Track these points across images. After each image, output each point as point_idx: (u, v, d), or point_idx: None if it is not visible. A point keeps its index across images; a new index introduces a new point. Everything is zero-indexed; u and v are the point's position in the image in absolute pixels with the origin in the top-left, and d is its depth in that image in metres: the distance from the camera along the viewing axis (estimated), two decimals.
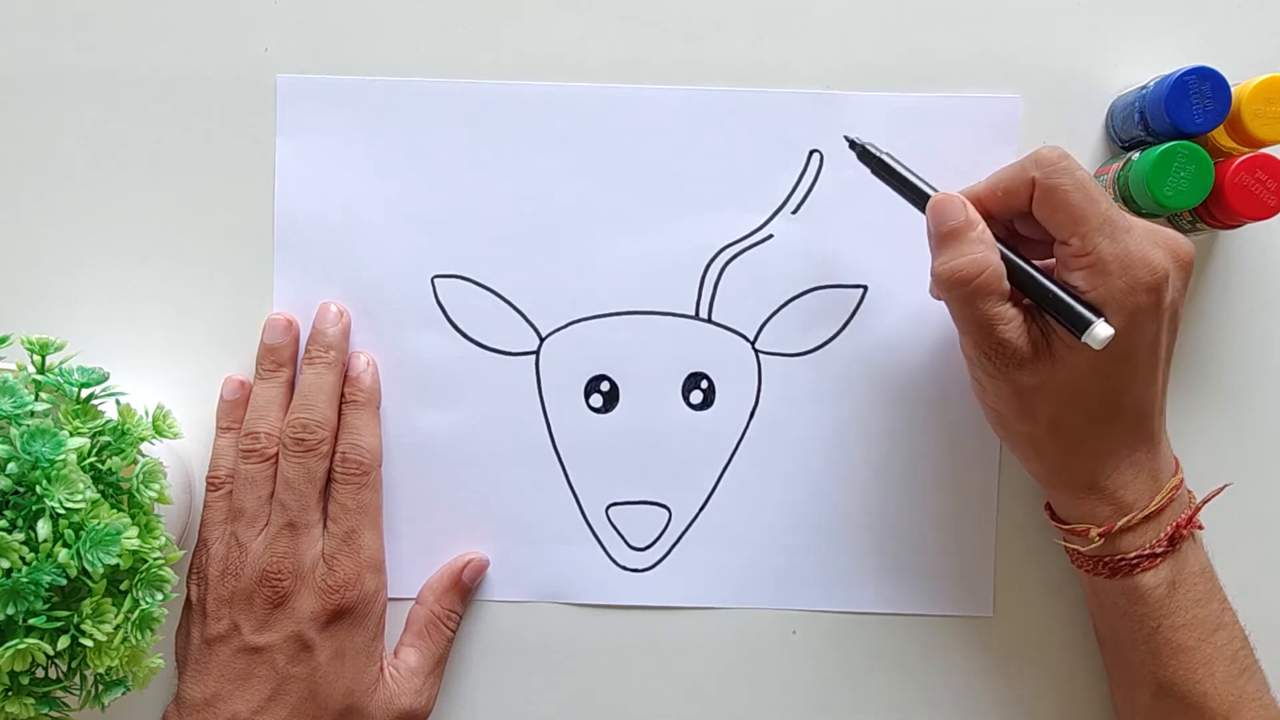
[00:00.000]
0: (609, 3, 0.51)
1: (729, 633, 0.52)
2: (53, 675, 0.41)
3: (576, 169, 0.51)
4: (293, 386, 0.50)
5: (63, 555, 0.38)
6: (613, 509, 0.52)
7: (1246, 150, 0.47)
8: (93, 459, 0.41)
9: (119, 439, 0.42)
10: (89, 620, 0.39)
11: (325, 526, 0.48)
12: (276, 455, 0.48)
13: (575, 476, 0.52)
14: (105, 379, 0.42)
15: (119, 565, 0.39)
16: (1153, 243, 0.43)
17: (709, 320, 0.52)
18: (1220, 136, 0.48)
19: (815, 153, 0.51)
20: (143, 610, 0.41)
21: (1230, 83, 0.47)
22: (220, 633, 0.47)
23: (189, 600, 0.49)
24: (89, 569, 0.39)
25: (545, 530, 0.52)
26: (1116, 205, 0.44)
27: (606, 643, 0.52)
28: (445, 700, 0.52)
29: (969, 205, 0.45)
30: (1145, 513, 0.45)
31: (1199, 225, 0.49)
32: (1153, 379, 0.45)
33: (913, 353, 0.52)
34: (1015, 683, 0.52)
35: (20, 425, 0.39)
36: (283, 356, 0.50)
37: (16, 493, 0.39)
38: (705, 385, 0.52)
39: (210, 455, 0.50)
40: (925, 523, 0.52)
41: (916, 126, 0.51)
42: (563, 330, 0.51)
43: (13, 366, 0.43)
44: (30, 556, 0.38)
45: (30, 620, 0.38)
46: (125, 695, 0.42)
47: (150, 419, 0.43)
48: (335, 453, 0.49)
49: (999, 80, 0.51)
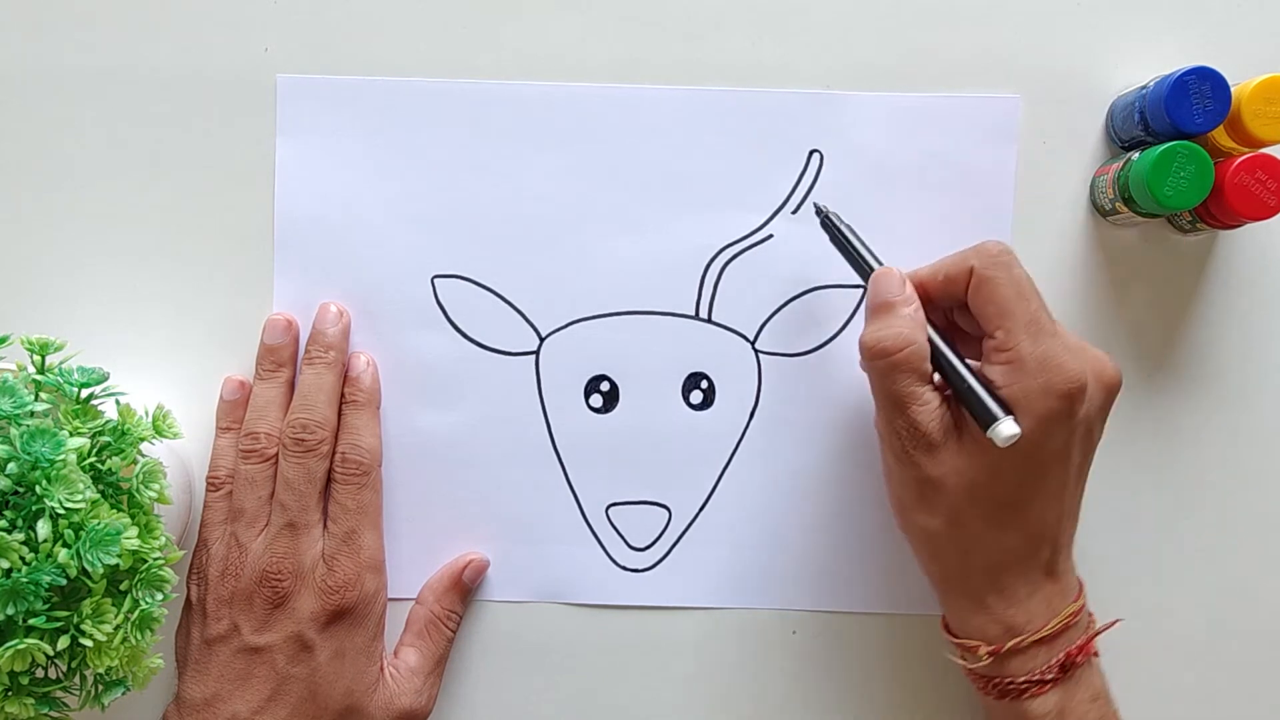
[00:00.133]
0: (609, 3, 0.51)
1: (729, 633, 0.52)
2: (53, 675, 0.41)
3: (576, 169, 0.51)
4: (293, 387, 0.50)
5: (63, 555, 0.38)
6: (613, 509, 0.52)
7: (1246, 150, 0.47)
8: (93, 459, 0.41)
9: (119, 439, 0.42)
10: (89, 620, 0.39)
11: (325, 527, 0.48)
12: (276, 455, 0.48)
13: (575, 476, 0.52)
14: (105, 379, 0.42)
15: (119, 565, 0.39)
16: (1075, 354, 0.43)
17: (709, 320, 0.52)
18: (1220, 136, 0.48)
19: (815, 153, 0.51)
20: (143, 610, 0.41)
21: (1230, 83, 0.47)
22: (220, 633, 0.47)
23: (189, 600, 0.49)
24: (89, 569, 0.39)
25: (545, 530, 0.52)
26: (1048, 312, 0.44)
27: (606, 643, 0.52)
28: (445, 700, 0.52)
29: (908, 283, 0.46)
30: (1036, 636, 0.44)
31: (1199, 225, 0.49)
32: (1057, 496, 0.45)
33: None
34: None
35: (20, 425, 0.39)
36: (282, 357, 0.50)
37: (16, 493, 0.39)
38: (705, 385, 0.52)
39: (210, 455, 0.50)
40: None
41: (916, 126, 0.51)
42: (563, 330, 0.51)
43: (13, 366, 0.43)
44: (30, 556, 0.38)
45: (30, 620, 0.38)
46: (125, 695, 0.42)
47: (150, 419, 0.43)
48: (335, 453, 0.49)
49: (999, 80, 0.51)
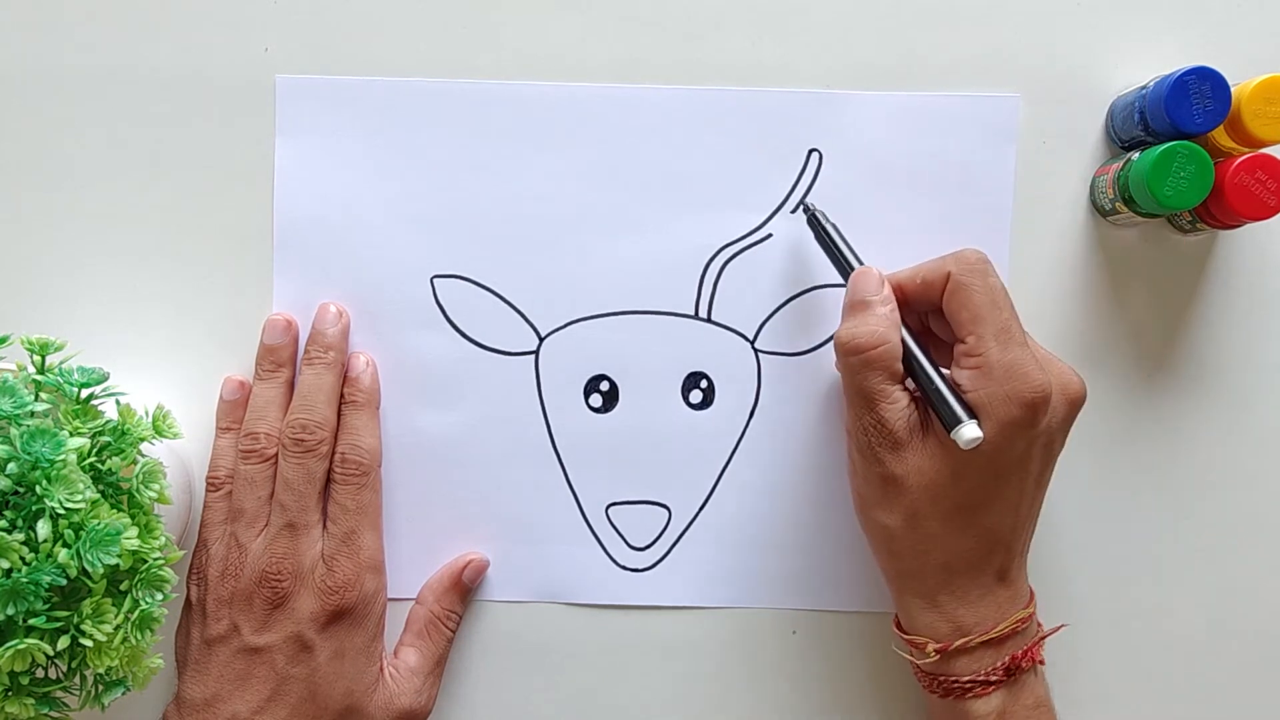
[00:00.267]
0: (609, 3, 0.51)
1: (729, 633, 0.52)
2: (53, 675, 0.41)
3: (576, 169, 0.51)
4: (292, 387, 0.50)
5: (63, 555, 0.38)
6: (612, 509, 0.52)
7: (1246, 150, 0.47)
8: (93, 459, 0.41)
9: (119, 439, 0.42)
10: (89, 620, 0.39)
11: (325, 527, 0.48)
12: (276, 456, 0.48)
13: (575, 476, 0.52)
14: (105, 379, 0.42)
15: (119, 565, 0.39)
16: (1041, 365, 0.44)
17: (708, 320, 0.52)
18: (1220, 136, 0.48)
19: (814, 152, 0.51)
20: (143, 610, 0.41)
21: (1230, 83, 0.47)
22: (220, 633, 0.47)
23: (189, 600, 0.49)
24: (89, 569, 0.39)
25: (545, 530, 0.52)
26: (1019, 322, 0.44)
27: (606, 643, 0.52)
28: (445, 700, 0.52)
29: (886, 284, 0.46)
30: (984, 638, 0.45)
31: (1199, 225, 0.49)
32: (1015, 503, 0.45)
33: None
34: None
35: (20, 425, 0.39)
36: (282, 357, 0.50)
37: (16, 493, 0.39)
38: (705, 385, 0.52)
39: (210, 455, 0.50)
40: None
41: (916, 126, 0.51)
42: (562, 330, 0.51)
43: (13, 366, 0.43)
44: (30, 556, 0.38)
45: (30, 620, 0.38)
46: (125, 695, 0.42)
47: (150, 419, 0.43)
48: (335, 453, 0.49)
49: (999, 80, 0.51)
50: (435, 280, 0.51)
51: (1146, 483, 0.52)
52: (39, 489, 0.38)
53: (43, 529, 0.38)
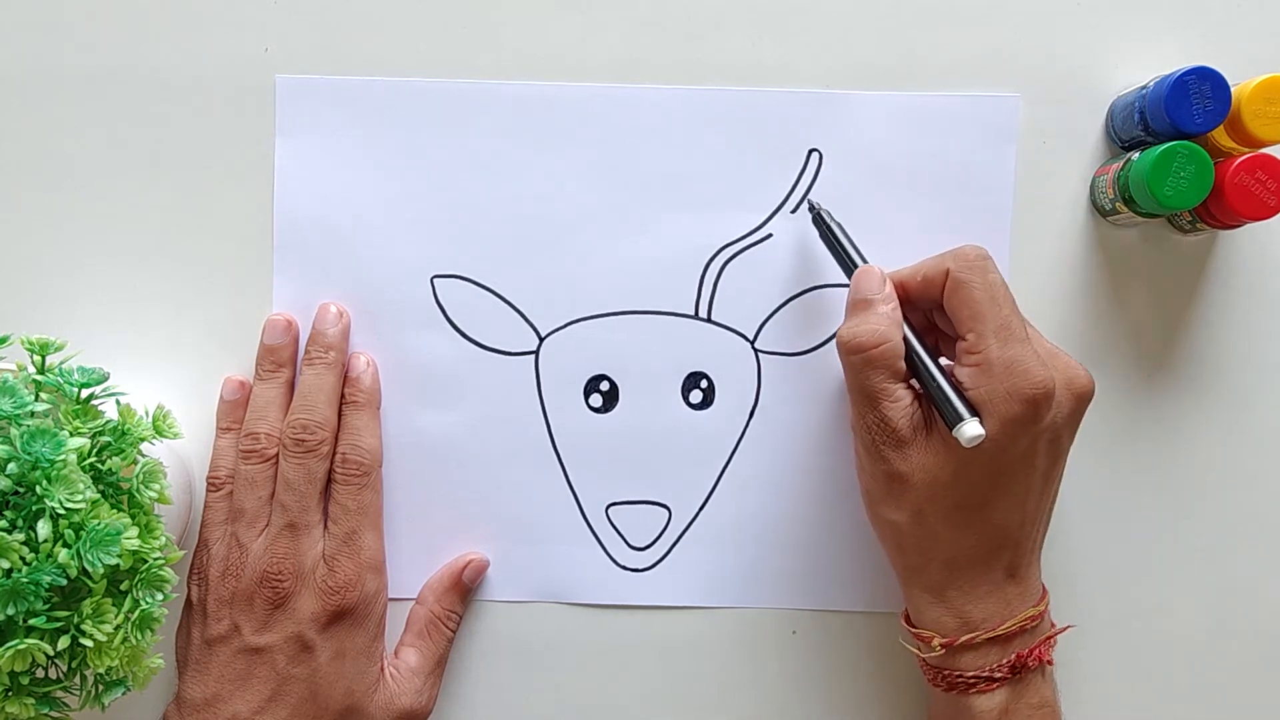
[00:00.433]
0: (609, 3, 0.51)
1: (729, 633, 0.52)
2: (53, 675, 0.41)
3: (576, 169, 0.51)
4: (293, 387, 0.50)
5: (63, 555, 0.38)
6: (612, 509, 0.52)
7: (1246, 150, 0.47)
8: (93, 459, 0.41)
9: (119, 439, 0.42)
10: (89, 620, 0.39)
11: (325, 527, 0.48)
12: (277, 456, 0.48)
13: (575, 476, 0.52)
14: (105, 379, 0.42)
15: (119, 565, 0.39)
16: (1043, 361, 0.43)
17: (708, 320, 0.52)
18: (1220, 136, 0.48)
19: (814, 152, 0.51)
20: (143, 610, 0.41)
21: (1230, 83, 0.47)
22: (220, 633, 0.47)
23: (189, 600, 0.49)
24: (89, 569, 0.39)
25: (545, 530, 0.52)
26: (1022, 318, 0.44)
27: (606, 643, 0.52)
28: (445, 700, 0.52)
29: (889, 282, 0.46)
30: (990, 634, 0.45)
31: (1199, 225, 0.49)
32: (1022, 500, 0.45)
33: None
34: None
35: (20, 425, 0.39)
36: (282, 357, 0.50)
37: (16, 493, 0.39)
38: (705, 385, 0.52)
39: (210, 455, 0.50)
40: None
41: (916, 126, 0.51)
42: (562, 330, 0.51)
43: (13, 366, 0.43)
44: (30, 556, 0.38)
45: (30, 620, 0.38)
46: (125, 695, 0.42)
47: (150, 419, 0.43)
48: (335, 453, 0.49)
49: (999, 80, 0.51)
50: (435, 280, 0.51)
51: (1146, 483, 0.52)
52: (39, 489, 0.38)
53: (43, 529, 0.38)
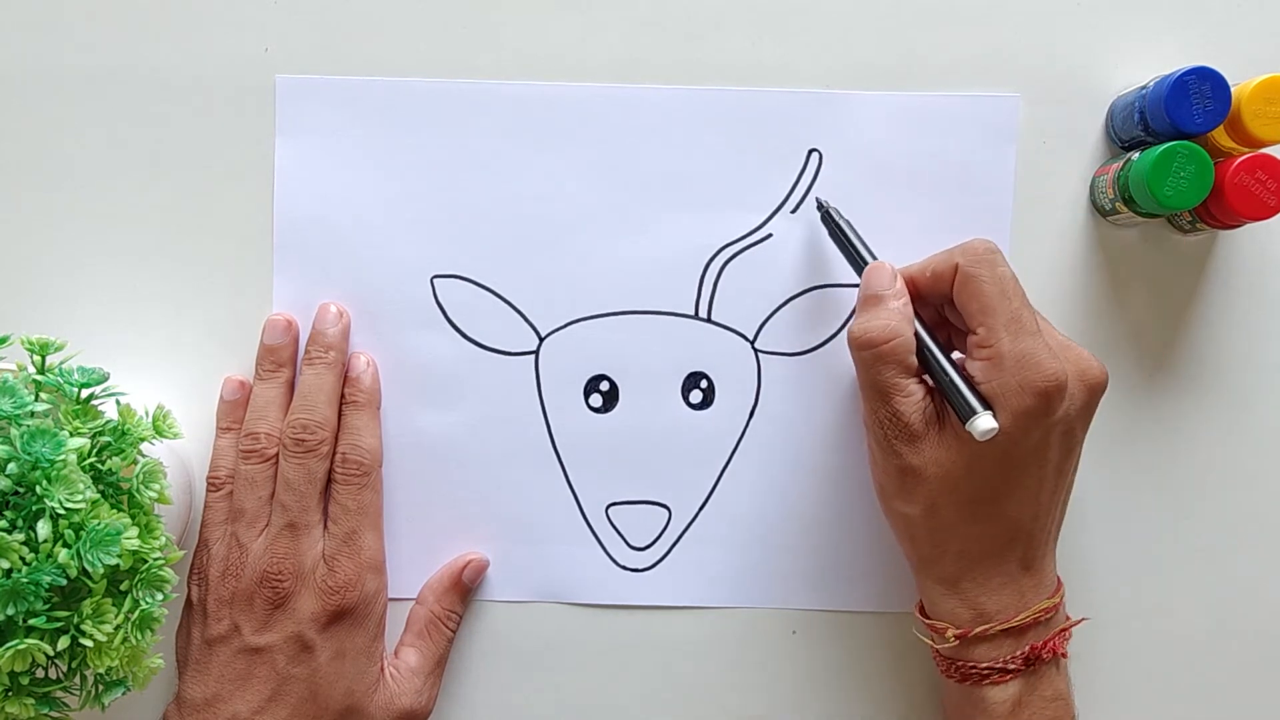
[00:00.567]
0: (609, 3, 0.51)
1: (729, 633, 0.52)
2: (53, 675, 0.41)
3: (576, 169, 0.51)
4: (293, 387, 0.50)
5: (63, 555, 0.38)
6: (612, 509, 0.52)
7: (1246, 150, 0.47)
8: (93, 459, 0.41)
9: (119, 439, 0.42)
10: (89, 620, 0.39)
11: (325, 527, 0.48)
12: (277, 456, 0.48)
13: (575, 476, 0.52)
14: (105, 379, 0.42)
15: (119, 565, 0.39)
16: (1055, 353, 0.43)
17: (708, 320, 0.52)
18: (1220, 136, 0.48)
19: (814, 152, 0.51)
20: (143, 610, 0.41)
21: (1230, 83, 0.47)
22: (221, 633, 0.47)
23: (189, 600, 0.49)
24: (89, 569, 0.39)
25: (545, 530, 0.52)
26: (1033, 310, 0.44)
27: (606, 643, 0.52)
28: (445, 700, 0.52)
29: (899, 278, 0.46)
30: (1004, 626, 0.45)
31: (1199, 225, 0.49)
32: (1035, 493, 0.45)
33: None
34: None
35: (20, 425, 0.39)
36: (282, 357, 0.50)
37: (16, 493, 0.39)
38: (705, 385, 0.52)
39: (210, 455, 0.50)
40: None
41: (916, 126, 0.51)
42: (562, 330, 0.51)
43: (13, 366, 0.43)
44: (30, 556, 0.38)
45: (30, 620, 0.38)
46: (125, 695, 0.42)
47: (150, 419, 0.43)
48: (335, 453, 0.49)
49: (999, 80, 0.51)
50: (435, 280, 0.51)
51: (1146, 483, 0.52)
52: (39, 489, 0.38)
53: (43, 529, 0.38)
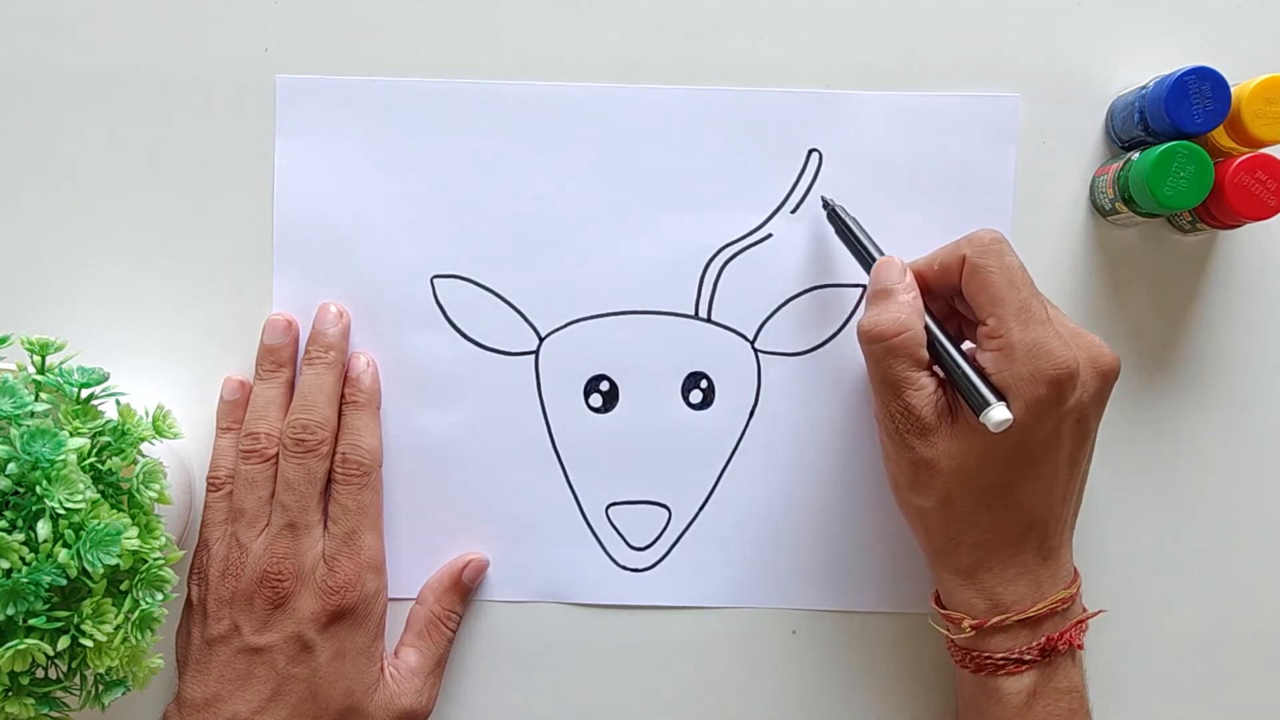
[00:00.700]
0: (609, 3, 0.51)
1: (729, 633, 0.52)
2: (53, 675, 0.41)
3: (576, 169, 0.51)
4: (293, 387, 0.50)
5: (63, 555, 0.38)
6: (612, 509, 0.52)
7: (1246, 150, 0.47)
8: (93, 459, 0.41)
9: (119, 439, 0.42)
10: (89, 620, 0.39)
11: (325, 527, 0.48)
12: (277, 456, 0.48)
13: (575, 476, 0.52)
14: (105, 379, 0.42)
15: (119, 565, 0.39)
16: (1066, 341, 0.43)
17: (708, 320, 0.52)
18: (1220, 136, 0.48)
19: (814, 152, 0.51)
20: (143, 610, 0.41)
21: (1230, 83, 0.47)
22: (221, 633, 0.47)
23: (189, 600, 0.49)
24: (89, 569, 0.39)
25: (545, 530, 0.52)
26: (1042, 298, 0.44)
27: (606, 643, 0.52)
28: (445, 700, 0.52)
29: (909, 272, 0.46)
30: (1021, 616, 0.45)
31: (1199, 225, 0.49)
32: (1050, 482, 0.45)
33: None
34: None
35: (20, 425, 0.39)
36: (282, 357, 0.50)
37: (16, 493, 0.39)
38: (705, 385, 0.52)
39: (210, 455, 0.50)
40: None
41: (916, 126, 0.51)
42: (562, 330, 0.51)
43: (13, 366, 0.43)
44: (30, 556, 0.38)
45: (30, 620, 0.38)
46: (125, 695, 0.42)
47: (150, 419, 0.43)
48: (335, 453, 0.49)
49: (999, 80, 0.51)
50: (435, 280, 0.51)
51: (1147, 483, 0.52)
52: (39, 489, 0.38)
53: (43, 529, 0.38)
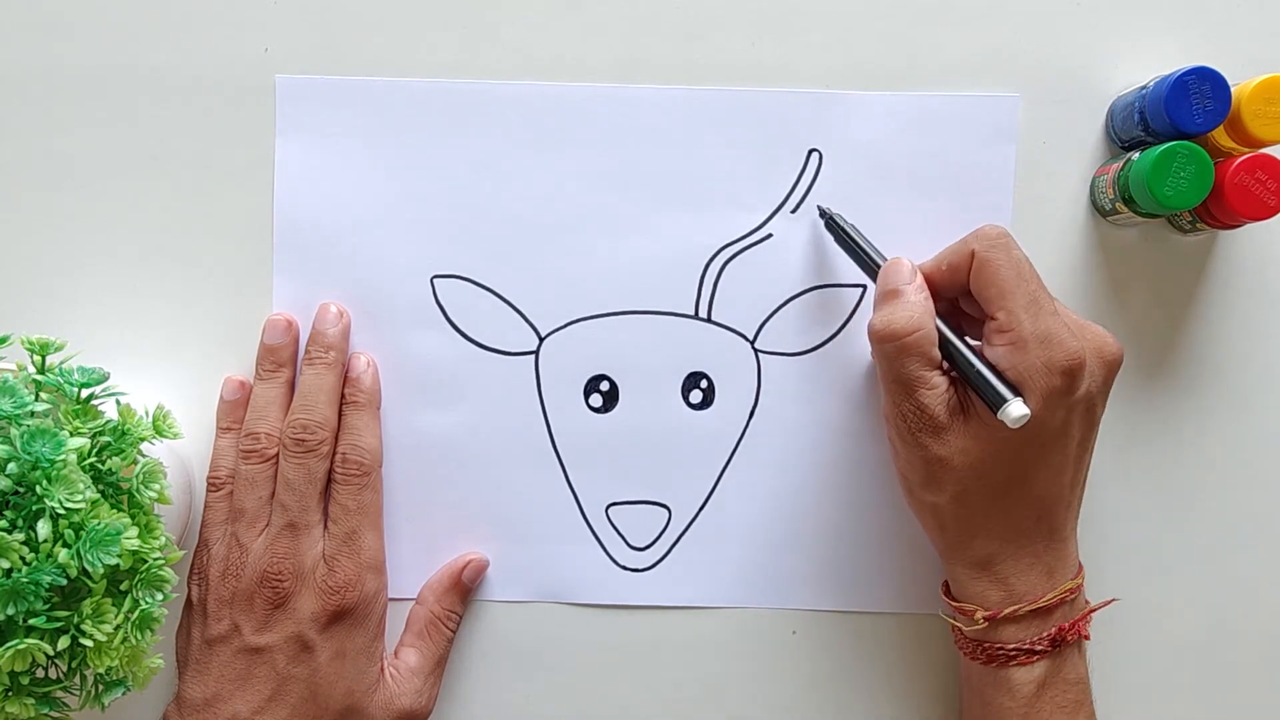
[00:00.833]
0: (609, 3, 0.51)
1: (729, 633, 0.52)
2: (53, 675, 0.41)
3: (576, 169, 0.51)
4: (293, 387, 0.50)
5: (63, 555, 0.38)
6: (612, 509, 0.52)
7: (1246, 150, 0.47)
8: (93, 459, 0.41)
9: (119, 439, 0.42)
10: (89, 620, 0.39)
11: (326, 527, 0.48)
12: (277, 456, 0.48)
13: (575, 476, 0.52)
14: (105, 379, 0.42)
15: (119, 565, 0.39)
16: (1074, 331, 0.44)
17: (708, 320, 0.52)
18: (1220, 136, 0.48)
19: (814, 152, 0.51)
20: (143, 610, 0.41)
21: (1230, 83, 0.47)
22: (221, 633, 0.47)
23: (189, 600, 0.49)
24: (89, 569, 0.39)
25: (545, 530, 0.52)
26: (1048, 291, 0.45)
27: (606, 643, 0.52)
28: (445, 700, 0.52)
29: (918, 272, 0.47)
30: (1033, 606, 0.45)
31: (1199, 225, 0.49)
32: (1060, 471, 0.45)
33: None
34: None
35: (20, 425, 0.39)
36: (283, 357, 0.50)
37: (16, 493, 0.39)
38: (705, 385, 0.52)
39: (210, 455, 0.50)
40: None
41: (916, 126, 0.51)
42: (562, 330, 0.51)
43: (13, 366, 0.43)
44: (30, 556, 0.38)
45: (30, 620, 0.38)
46: (125, 695, 0.42)
47: (150, 419, 0.43)
48: (336, 453, 0.49)
49: (999, 80, 0.51)
50: (435, 280, 0.51)
51: (1146, 482, 0.52)
52: (39, 489, 0.38)
53: (43, 529, 0.38)
